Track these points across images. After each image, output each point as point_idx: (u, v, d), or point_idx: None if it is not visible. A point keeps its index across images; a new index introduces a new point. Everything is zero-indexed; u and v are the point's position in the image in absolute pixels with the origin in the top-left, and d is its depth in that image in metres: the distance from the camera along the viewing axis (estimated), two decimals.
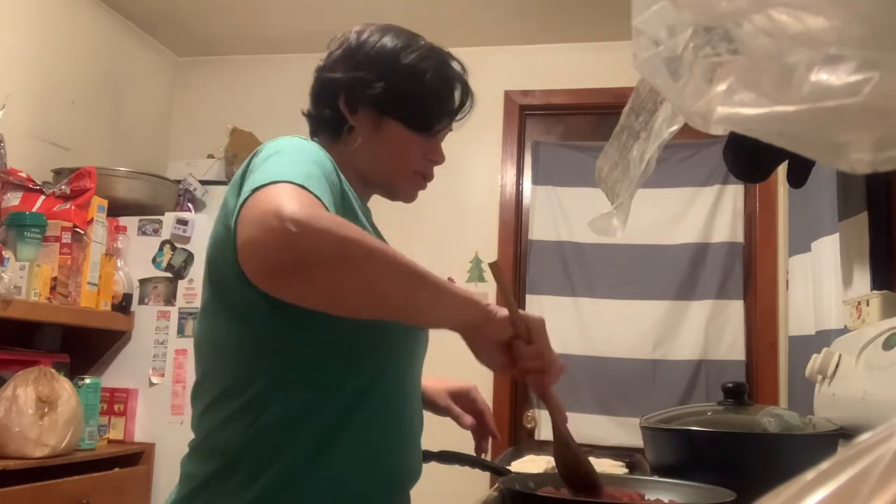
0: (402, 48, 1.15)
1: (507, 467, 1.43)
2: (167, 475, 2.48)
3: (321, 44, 1.15)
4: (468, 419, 1.35)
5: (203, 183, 2.95)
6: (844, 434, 1.23)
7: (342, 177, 1.04)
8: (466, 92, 1.20)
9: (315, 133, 1.20)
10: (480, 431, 1.37)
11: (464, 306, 0.95)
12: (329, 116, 1.16)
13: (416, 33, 1.19)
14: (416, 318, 0.98)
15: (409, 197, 1.21)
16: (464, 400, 1.36)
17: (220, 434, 1.00)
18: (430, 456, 1.30)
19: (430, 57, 1.16)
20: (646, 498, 1.06)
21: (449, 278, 3.15)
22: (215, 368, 1.03)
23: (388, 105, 1.13)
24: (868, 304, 1.45)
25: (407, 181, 1.18)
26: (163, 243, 2.67)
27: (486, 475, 2.47)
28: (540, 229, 3.11)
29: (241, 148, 3.11)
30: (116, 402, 2.58)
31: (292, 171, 0.90)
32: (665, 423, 1.32)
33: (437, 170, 1.25)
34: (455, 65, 1.19)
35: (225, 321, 1.02)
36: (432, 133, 1.17)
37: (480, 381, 3.23)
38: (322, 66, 1.19)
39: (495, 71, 3.22)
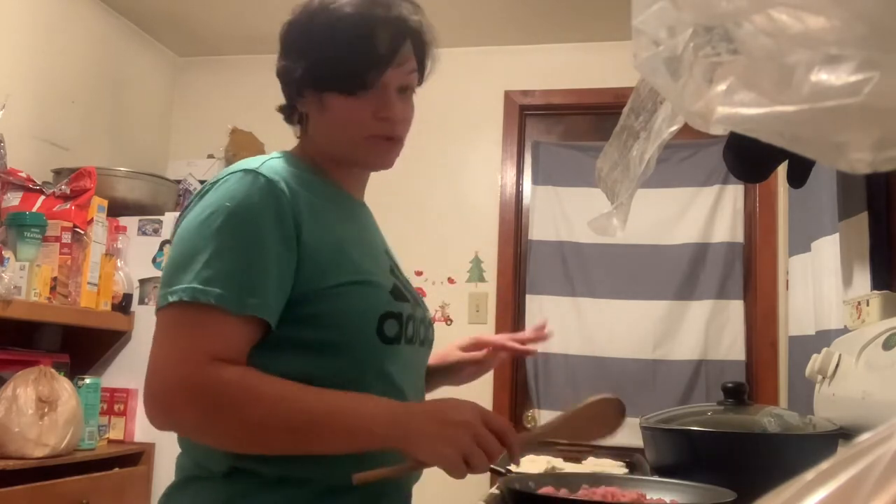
0: (316, 13, 1.09)
1: (508, 467, 1.43)
2: (167, 475, 2.47)
3: None
4: (479, 353, 1.33)
5: (203, 183, 2.95)
6: (844, 434, 1.23)
7: (297, 191, 1.02)
8: (400, 32, 1.09)
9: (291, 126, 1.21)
10: (504, 349, 1.34)
11: (373, 439, 0.94)
12: (288, 110, 1.17)
13: (331, 2, 1.10)
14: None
15: (379, 164, 1.15)
16: (475, 348, 1.35)
17: (199, 454, 1.04)
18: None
19: (346, 16, 1.07)
20: (646, 498, 1.06)
21: (449, 279, 3.15)
22: None
23: (317, 80, 1.08)
24: (868, 304, 1.45)
25: (366, 148, 1.12)
26: (163, 243, 2.67)
27: (486, 475, 2.47)
28: (540, 229, 3.11)
29: (241, 148, 3.10)
30: (116, 402, 2.58)
31: (192, 272, 0.94)
32: (665, 423, 1.32)
33: (437, 170, 1.24)
34: (379, 10, 1.08)
35: None
36: (368, 90, 1.07)
37: (481, 377, 3.21)
38: None
39: (495, 71, 3.22)
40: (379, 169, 1.17)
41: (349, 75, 1.06)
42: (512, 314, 3.07)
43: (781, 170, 1.61)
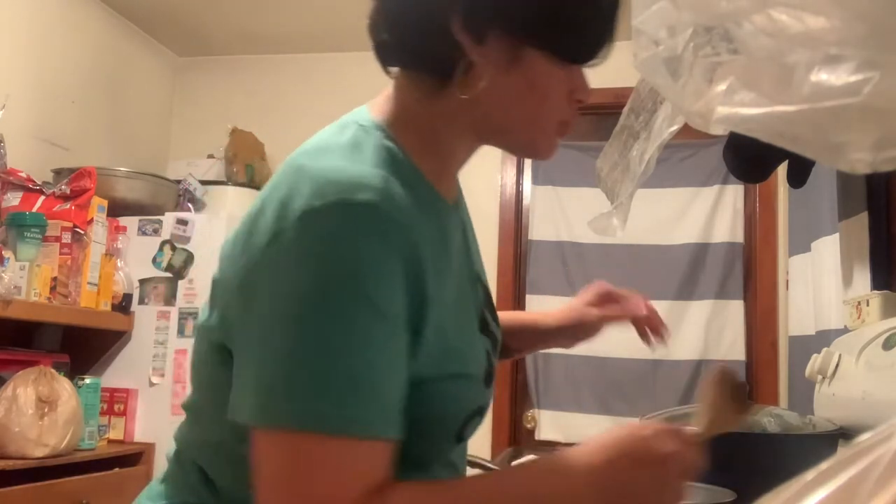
0: None
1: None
2: None
3: (321, 44, 1.09)
4: (640, 307, 1.07)
5: (203, 183, 2.94)
6: (844, 434, 1.23)
7: (420, 235, 0.71)
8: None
9: (393, 65, 0.81)
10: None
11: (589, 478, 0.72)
12: (433, 49, 0.77)
13: None
14: None
15: (549, 153, 0.85)
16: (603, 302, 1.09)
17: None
18: None
19: None
20: None
21: None
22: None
23: (534, 27, 0.75)
24: (868, 304, 1.45)
25: (548, 135, 0.83)
26: (163, 243, 2.67)
27: None
28: (540, 229, 3.11)
29: (241, 148, 3.10)
30: (116, 402, 2.58)
31: (307, 382, 0.64)
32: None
33: None
34: None
35: None
36: (591, 63, 0.81)
37: None
38: None
39: None
40: (540, 158, 0.88)
41: (583, 39, 0.78)
42: None
43: (781, 170, 1.61)
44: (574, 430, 2.88)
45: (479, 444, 2.88)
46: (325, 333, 0.65)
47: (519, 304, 3.09)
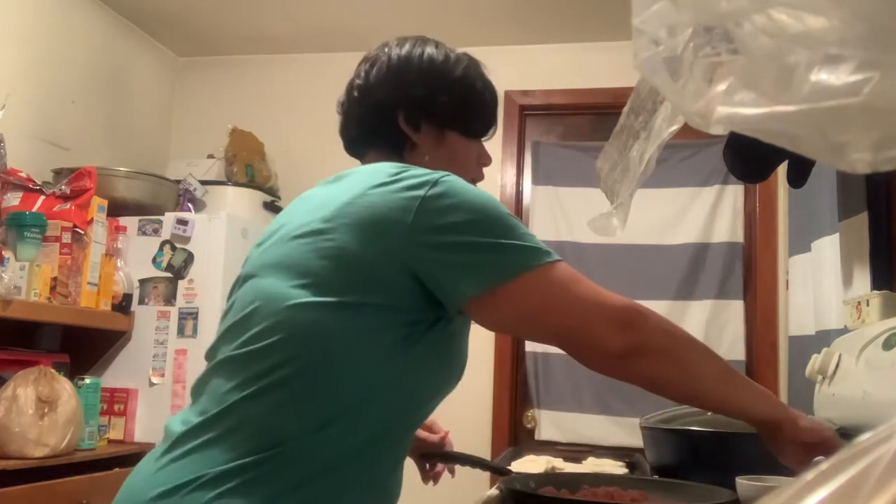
0: (446, 59, 1.19)
1: (507, 467, 1.43)
2: None
3: (321, 44, 1.12)
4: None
5: (203, 183, 2.94)
6: (844, 434, 1.23)
7: None
8: (496, 95, 1.26)
9: (363, 152, 1.18)
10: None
11: (770, 407, 0.98)
12: (386, 136, 1.15)
13: (440, 42, 1.24)
14: (724, 408, 1.01)
15: None
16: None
17: (275, 423, 0.95)
18: (431, 456, 1.30)
19: (471, 65, 1.21)
20: (647, 498, 1.06)
21: None
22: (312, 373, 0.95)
23: (449, 118, 1.16)
24: (868, 304, 1.45)
25: None
26: (163, 243, 2.67)
27: (486, 475, 2.47)
28: (540, 229, 3.11)
29: (241, 148, 3.10)
30: (116, 402, 2.58)
31: (532, 239, 1.03)
32: (665, 423, 1.32)
33: None
34: (485, 71, 1.25)
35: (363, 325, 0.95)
36: (487, 138, 1.23)
37: (481, 377, 3.19)
38: (362, 85, 1.17)
39: (495, 71, 3.19)
40: None
41: (480, 122, 1.20)
42: None
43: (781, 170, 1.61)
44: (574, 430, 2.88)
45: (479, 444, 2.88)
46: (509, 219, 1.04)
47: None
